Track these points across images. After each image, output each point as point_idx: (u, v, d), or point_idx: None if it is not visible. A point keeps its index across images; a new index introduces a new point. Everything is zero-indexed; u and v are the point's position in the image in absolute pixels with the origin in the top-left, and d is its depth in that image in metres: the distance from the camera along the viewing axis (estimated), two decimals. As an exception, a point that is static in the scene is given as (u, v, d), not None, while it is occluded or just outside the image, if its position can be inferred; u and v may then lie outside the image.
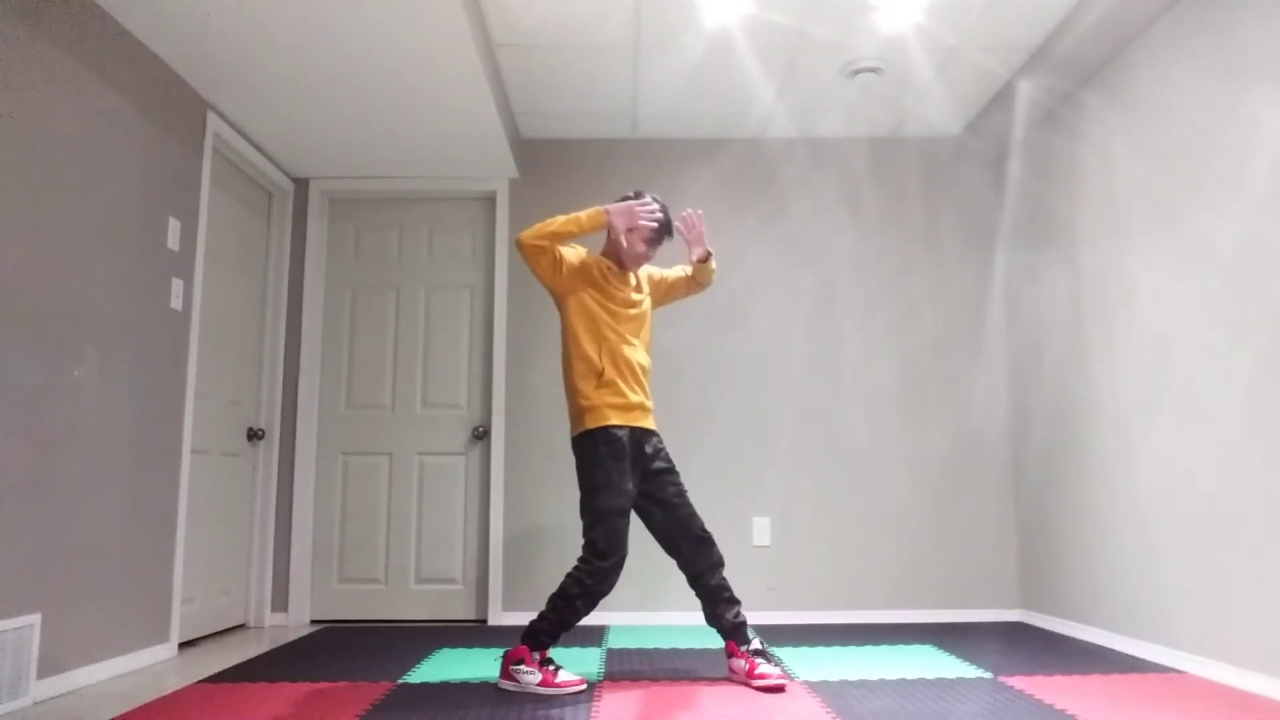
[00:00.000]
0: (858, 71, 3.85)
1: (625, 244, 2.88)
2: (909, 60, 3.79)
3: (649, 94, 4.09)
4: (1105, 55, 3.51)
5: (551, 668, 2.71)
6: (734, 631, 2.81)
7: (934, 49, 3.71)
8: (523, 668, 2.69)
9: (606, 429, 2.74)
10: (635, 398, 2.81)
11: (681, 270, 3.09)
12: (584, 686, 2.73)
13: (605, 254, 2.94)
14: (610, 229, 2.86)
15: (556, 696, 2.66)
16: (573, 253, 2.86)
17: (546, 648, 2.74)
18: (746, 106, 4.21)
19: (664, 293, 3.07)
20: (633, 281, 2.95)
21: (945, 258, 4.48)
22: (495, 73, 3.79)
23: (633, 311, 2.89)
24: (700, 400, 4.36)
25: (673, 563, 4.23)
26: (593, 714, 2.43)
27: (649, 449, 2.83)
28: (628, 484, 2.74)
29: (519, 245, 2.80)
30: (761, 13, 3.42)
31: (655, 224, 2.85)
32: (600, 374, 2.77)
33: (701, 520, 2.85)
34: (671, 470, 2.85)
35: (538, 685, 2.68)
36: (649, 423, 2.86)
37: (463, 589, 4.32)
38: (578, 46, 3.68)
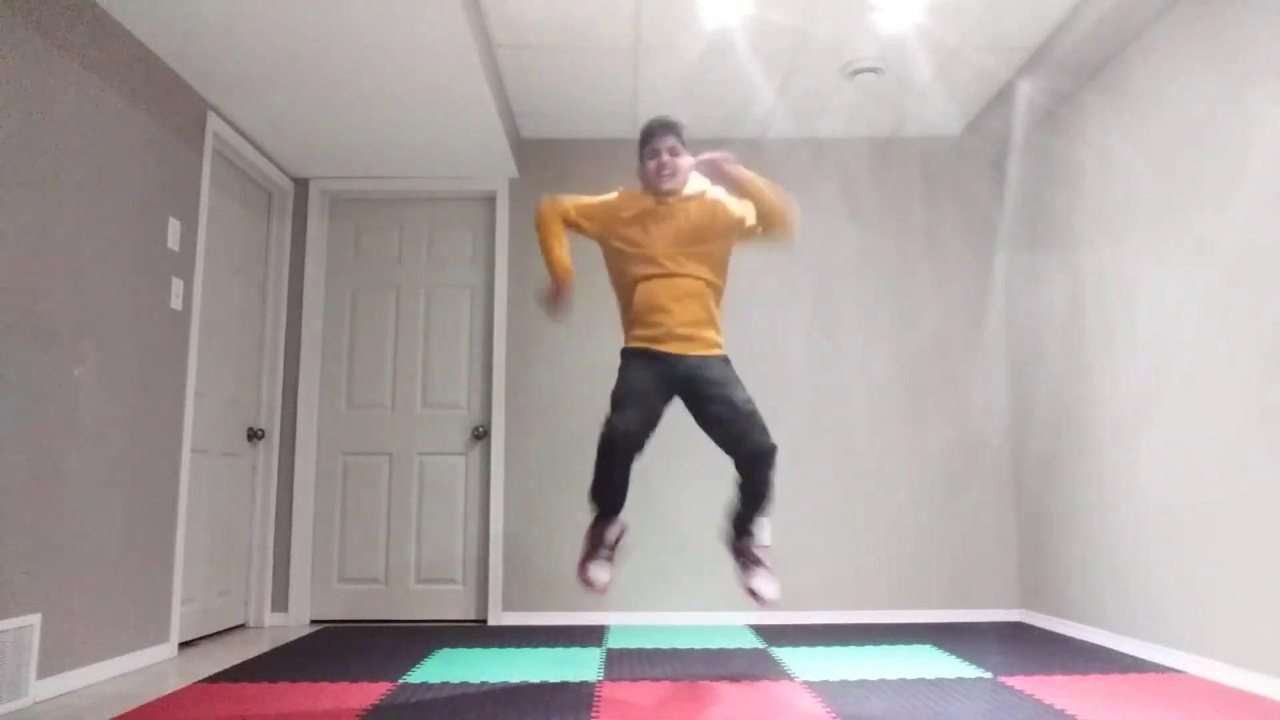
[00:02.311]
0: (858, 71, 3.85)
1: (641, 179, 2.83)
2: (909, 60, 3.79)
3: (649, 94, 4.09)
4: (1105, 55, 3.51)
5: (596, 551, 2.79)
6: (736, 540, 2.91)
7: (934, 49, 3.71)
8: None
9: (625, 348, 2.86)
10: (658, 330, 2.77)
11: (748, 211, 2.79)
12: (600, 591, 2.74)
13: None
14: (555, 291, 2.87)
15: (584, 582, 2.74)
16: (589, 206, 2.84)
17: (603, 517, 2.82)
18: (746, 106, 4.21)
19: (730, 228, 2.83)
20: (675, 203, 2.79)
21: (945, 258, 4.48)
22: (495, 73, 3.79)
23: (669, 234, 2.77)
24: (700, 400, 4.36)
25: (672, 562, 4.24)
26: (592, 714, 2.43)
27: (684, 371, 2.77)
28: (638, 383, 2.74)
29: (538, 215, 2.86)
30: (761, 13, 3.42)
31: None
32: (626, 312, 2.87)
33: (755, 441, 2.74)
34: (718, 398, 2.78)
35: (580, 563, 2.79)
36: (685, 348, 2.78)
37: (463, 589, 4.32)
38: (578, 46, 3.68)
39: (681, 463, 4.31)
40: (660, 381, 2.75)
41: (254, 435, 4.17)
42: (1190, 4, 3.07)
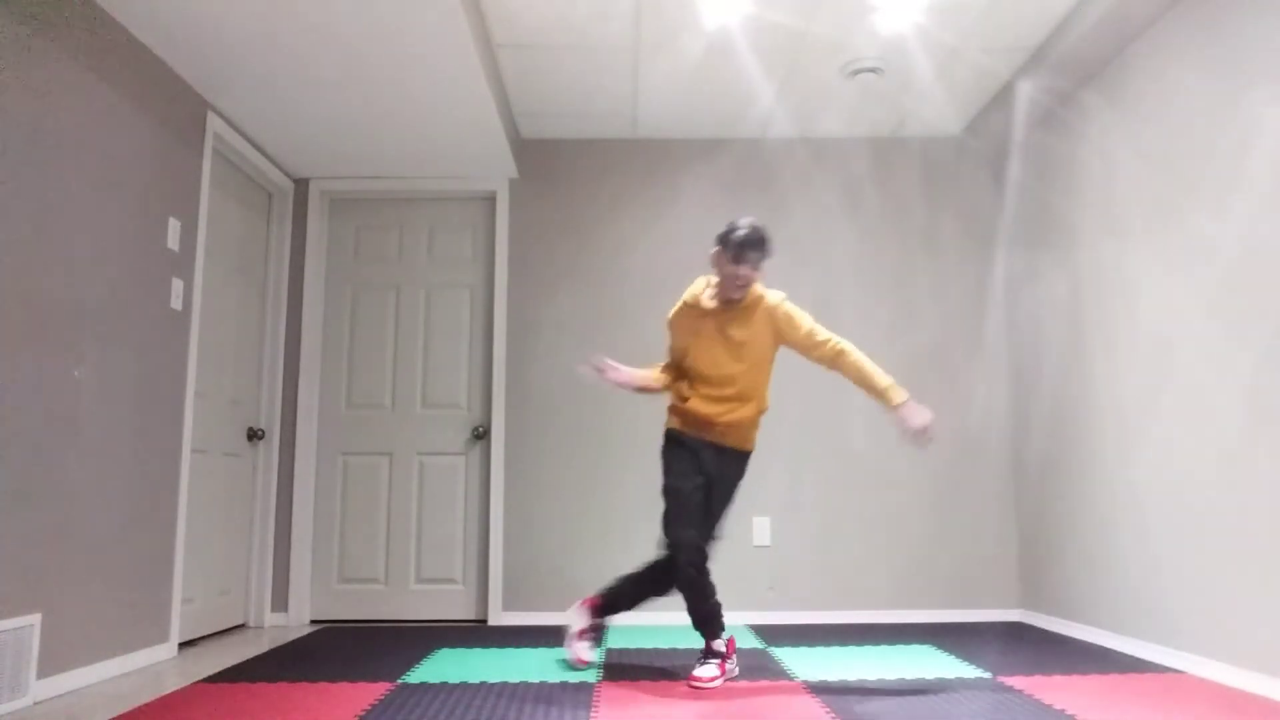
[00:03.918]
0: (858, 71, 3.85)
1: (718, 270, 2.87)
2: (909, 60, 3.79)
3: (649, 94, 4.09)
4: (1105, 55, 3.51)
5: (588, 636, 3.10)
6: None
7: (934, 49, 3.71)
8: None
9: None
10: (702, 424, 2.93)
11: (820, 344, 2.84)
12: (585, 667, 3.04)
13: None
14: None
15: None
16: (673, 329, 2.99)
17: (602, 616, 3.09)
18: (746, 106, 4.21)
19: (789, 342, 2.91)
20: (740, 313, 2.87)
21: (945, 258, 4.48)
22: (495, 73, 3.79)
23: (721, 340, 2.88)
24: (700, 400, 4.36)
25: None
26: (592, 714, 2.43)
27: (716, 466, 2.94)
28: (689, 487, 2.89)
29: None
30: (761, 13, 3.42)
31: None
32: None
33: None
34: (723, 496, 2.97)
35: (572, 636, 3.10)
36: (723, 440, 2.94)
37: (463, 589, 4.32)
38: (578, 46, 3.68)
39: (681, 463, 4.31)
40: (700, 474, 2.90)
41: (254, 435, 4.17)
42: (1190, 4, 3.07)
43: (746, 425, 2.94)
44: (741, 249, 2.76)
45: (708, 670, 2.79)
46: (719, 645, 2.85)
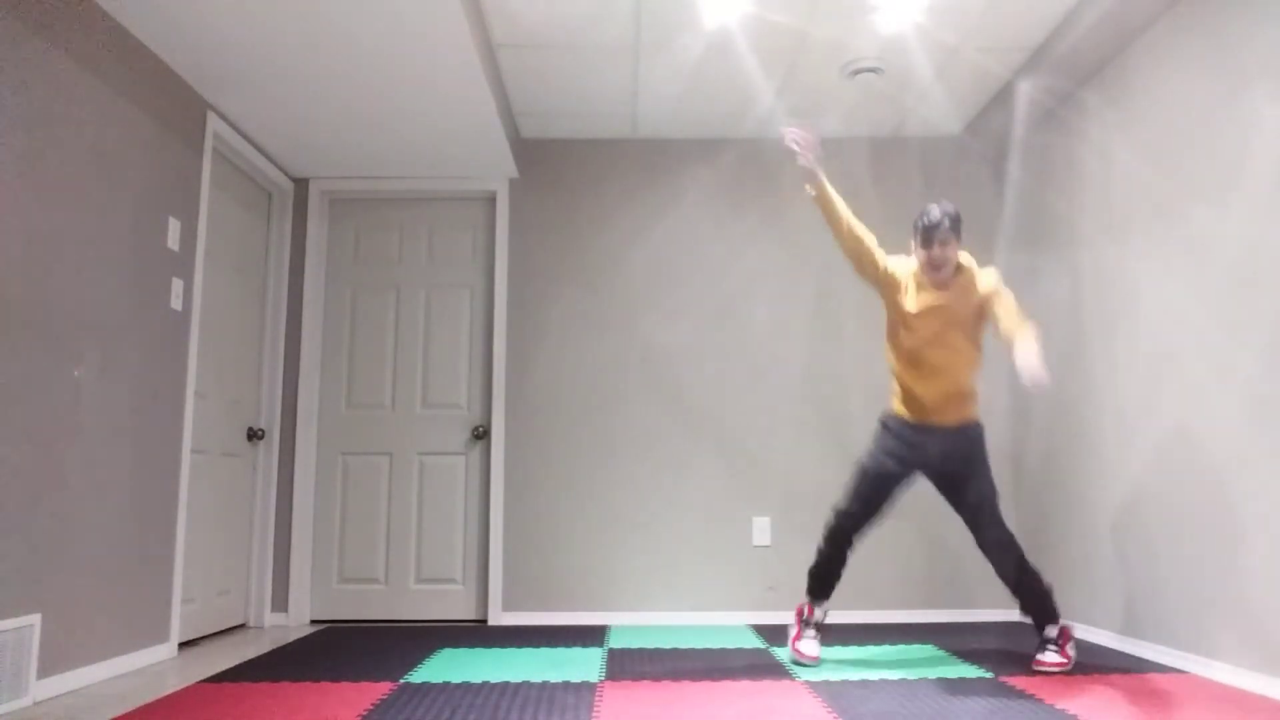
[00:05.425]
0: (858, 71, 3.85)
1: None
2: (909, 60, 3.79)
3: (649, 94, 4.09)
4: (1105, 55, 3.51)
5: (807, 631, 3.17)
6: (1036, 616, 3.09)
7: (934, 49, 3.71)
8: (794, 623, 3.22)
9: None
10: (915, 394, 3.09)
11: (1004, 319, 2.92)
12: (815, 663, 3.08)
13: None
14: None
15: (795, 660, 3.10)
16: (886, 259, 3.14)
17: (816, 601, 3.19)
18: (746, 106, 4.21)
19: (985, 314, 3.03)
20: (943, 286, 3.05)
21: (945, 258, 4.47)
22: (495, 73, 3.79)
23: (929, 314, 3.06)
24: (700, 400, 4.36)
25: (676, 562, 4.24)
26: (594, 714, 2.43)
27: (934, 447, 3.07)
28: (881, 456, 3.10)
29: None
30: (761, 13, 3.42)
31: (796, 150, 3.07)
32: (893, 370, 3.23)
33: (1000, 529, 3.01)
34: (970, 475, 3.04)
35: (790, 640, 3.17)
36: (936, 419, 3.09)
37: (463, 589, 4.32)
38: (578, 46, 3.68)
39: (683, 464, 4.32)
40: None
41: (254, 435, 4.16)
42: (1190, 4, 3.07)
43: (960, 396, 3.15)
44: (926, 239, 2.98)
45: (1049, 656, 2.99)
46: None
